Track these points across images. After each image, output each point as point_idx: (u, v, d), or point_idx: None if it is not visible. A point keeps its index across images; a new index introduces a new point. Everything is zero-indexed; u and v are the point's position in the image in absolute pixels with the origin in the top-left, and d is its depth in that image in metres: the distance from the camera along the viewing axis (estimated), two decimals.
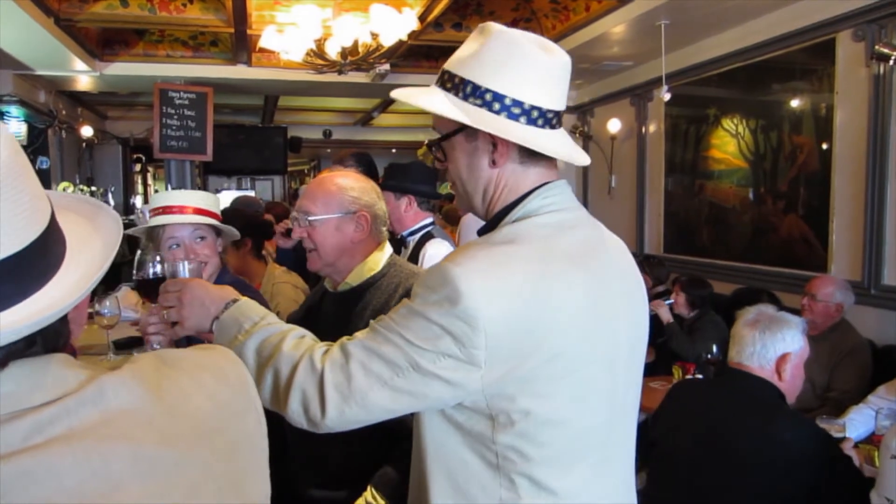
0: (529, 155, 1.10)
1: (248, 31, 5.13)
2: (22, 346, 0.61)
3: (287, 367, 1.04)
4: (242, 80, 6.25)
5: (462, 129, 1.10)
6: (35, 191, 0.64)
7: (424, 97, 1.12)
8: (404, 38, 3.99)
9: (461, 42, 1.18)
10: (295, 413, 1.03)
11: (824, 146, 3.92)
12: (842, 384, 3.19)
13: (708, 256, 4.98)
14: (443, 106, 1.09)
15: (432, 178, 2.97)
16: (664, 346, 3.78)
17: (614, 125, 6.02)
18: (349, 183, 1.74)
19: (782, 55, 4.18)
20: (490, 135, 1.08)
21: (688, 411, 2.10)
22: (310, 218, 1.69)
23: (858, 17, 3.60)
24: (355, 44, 4.04)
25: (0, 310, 0.60)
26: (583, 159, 1.16)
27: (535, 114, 1.08)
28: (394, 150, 11.31)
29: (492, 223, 1.13)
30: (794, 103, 4.17)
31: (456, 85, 1.10)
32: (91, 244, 0.71)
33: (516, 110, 1.07)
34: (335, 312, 1.78)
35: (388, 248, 1.80)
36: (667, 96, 4.55)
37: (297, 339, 1.09)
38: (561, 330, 1.01)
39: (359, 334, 1.06)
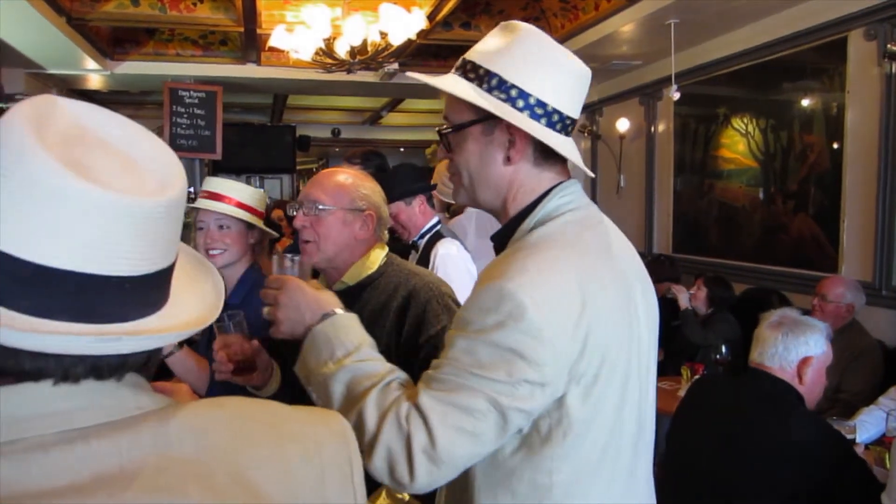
0: (544, 157, 1.10)
1: (258, 31, 5.15)
2: (101, 362, 0.57)
3: (373, 421, 0.97)
4: (252, 79, 6.28)
5: (479, 120, 1.08)
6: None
7: (449, 82, 1.10)
8: (413, 37, 4.00)
9: (470, 41, 1.18)
10: (378, 470, 0.97)
11: (835, 146, 3.90)
12: (852, 385, 3.17)
13: (717, 256, 4.96)
14: (469, 93, 1.06)
15: (426, 175, 2.96)
16: (677, 332, 3.76)
17: (623, 124, 6.00)
18: (361, 180, 1.74)
19: (793, 54, 4.16)
20: (508, 131, 1.07)
21: (705, 409, 2.11)
22: (319, 206, 1.65)
23: (870, 15, 3.58)
24: (364, 43, 4.04)
25: (145, 315, 0.59)
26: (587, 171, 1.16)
27: (555, 117, 1.08)
28: (402, 149, 11.32)
29: (511, 225, 1.12)
30: (805, 102, 4.15)
31: (480, 76, 1.08)
32: (194, 286, 0.70)
33: (539, 111, 1.06)
34: None
35: (385, 249, 1.79)
36: (676, 95, 4.53)
37: (385, 388, 1.02)
38: (603, 331, 1.00)
39: (425, 385, 0.99)
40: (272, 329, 1.19)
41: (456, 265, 2.73)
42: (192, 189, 6.12)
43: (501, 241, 1.14)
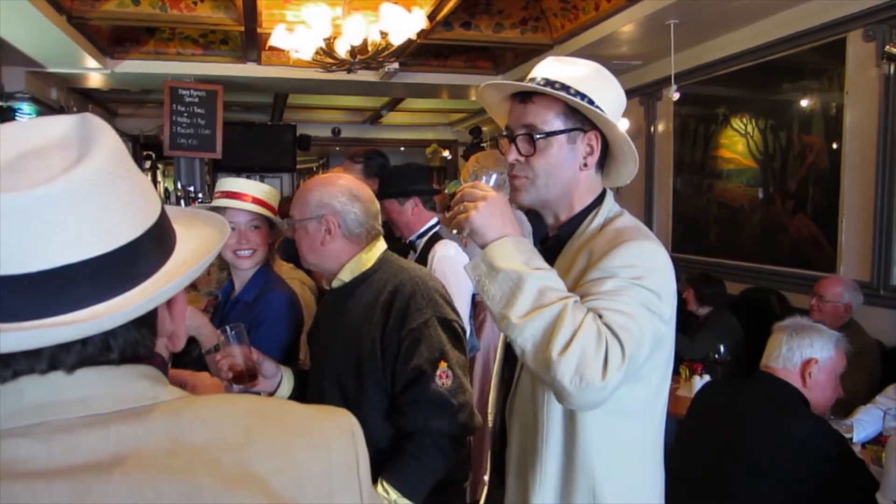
0: (600, 165, 1.35)
1: (258, 30, 5.15)
2: (95, 351, 0.61)
3: (571, 326, 1.06)
4: (252, 79, 6.29)
5: (571, 130, 1.29)
6: (142, 190, 0.64)
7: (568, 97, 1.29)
8: (413, 37, 4.01)
9: (471, 40, 1.29)
10: (564, 367, 1.04)
11: (834, 146, 3.91)
12: (850, 384, 3.17)
13: (717, 256, 4.97)
14: (595, 110, 1.28)
15: (429, 177, 2.98)
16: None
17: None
18: (318, 187, 1.79)
19: (792, 55, 4.17)
20: (588, 142, 1.31)
21: (711, 411, 2.13)
22: (293, 221, 1.79)
23: (869, 16, 3.59)
24: (365, 43, 4.05)
25: (94, 303, 0.60)
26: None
27: None
28: (402, 149, 11.33)
29: (577, 219, 1.34)
30: (804, 103, 4.16)
31: (572, 95, 1.28)
32: (184, 246, 0.70)
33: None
34: (331, 307, 1.85)
35: (381, 245, 1.84)
36: (676, 96, 4.53)
37: (578, 303, 1.12)
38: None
39: (603, 309, 1.12)
40: (460, 221, 1.23)
41: (453, 266, 2.74)
42: (192, 188, 6.13)
43: (569, 233, 1.34)
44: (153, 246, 0.64)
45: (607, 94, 1.30)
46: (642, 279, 1.15)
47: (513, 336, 1.10)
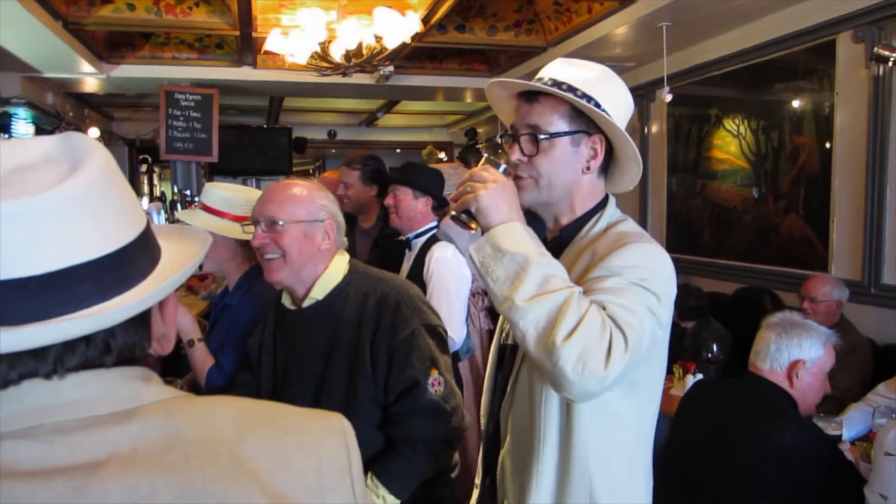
0: (603, 170, 1.35)
1: (254, 34, 5.17)
2: (96, 353, 0.63)
3: (575, 314, 1.06)
4: (248, 82, 6.30)
5: (575, 132, 1.29)
6: (131, 200, 0.68)
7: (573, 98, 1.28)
8: (408, 40, 4.03)
9: (465, 43, 1.31)
10: (567, 354, 1.04)
11: (825, 146, 3.95)
12: (842, 382, 3.21)
13: (710, 256, 5.01)
14: (601, 113, 1.28)
15: (443, 184, 2.99)
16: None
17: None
18: (314, 190, 1.73)
19: (783, 56, 4.20)
20: (592, 145, 1.30)
21: (699, 412, 2.12)
22: (280, 222, 1.65)
23: (858, 18, 3.62)
24: (359, 46, 4.07)
25: (98, 302, 0.63)
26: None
27: None
28: (398, 150, 11.35)
29: (579, 223, 1.34)
30: (796, 104, 4.20)
31: (578, 97, 1.28)
32: (167, 255, 0.73)
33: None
34: (302, 330, 1.74)
35: (346, 256, 1.78)
36: (668, 97, 4.57)
37: (582, 294, 1.12)
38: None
39: (606, 302, 1.11)
40: (463, 200, 1.22)
41: (451, 268, 2.76)
42: (188, 191, 6.14)
43: (571, 235, 1.34)
44: (144, 250, 0.68)
45: (614, 98, 1.31)
46: (645, 281, 1.15)
47: (515, 319, 1.09)
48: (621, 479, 1.28)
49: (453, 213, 1.26)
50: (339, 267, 1.73)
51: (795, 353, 1.93)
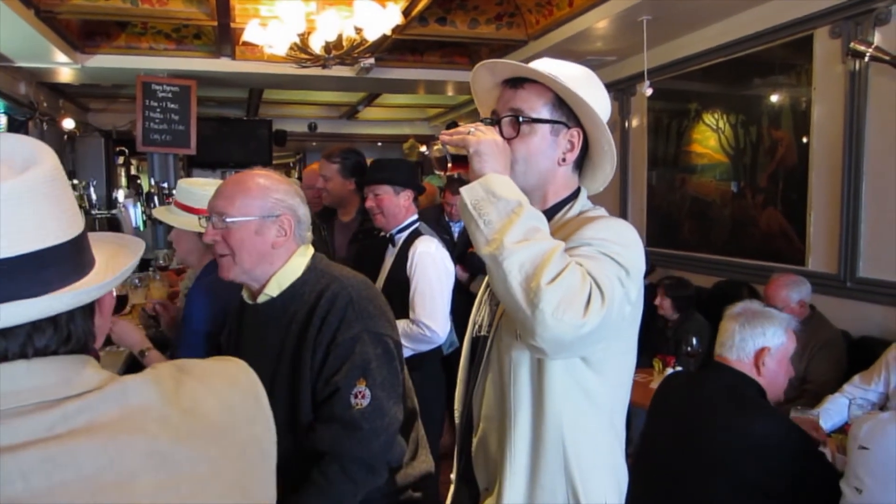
0: (578, 165, 1.38)
1: (232, 25, 5.10)
2: (60, 338, 0.68)
3: (559, 263, 1.08)
4: (226, 74, 6.22)
5: (555, 121, 1.31)
6: (72, 201, 0.73)
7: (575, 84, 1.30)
8: (388, 32, 3.99)
9: (446, 36, 1.30)
10: (550, 298, 1.04)
11: (803, 140, 3.98)
12: (817, 376, 3.25)
13: (690, 250, 5.04)
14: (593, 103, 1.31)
15: (417, 174, 2.98)
16: (648, 327, 3.82)
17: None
18: (272, 183, 1.62)
19: (761, 51, 4.23)
20: (569, 138, 1.33)
21: (671, 404, 2.13)
22: (227, 219, 1.56)
23: (835, 14, 3.66)
24: (339, 38, 4.03)
25: (59, 287, 0.67)
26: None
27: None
28: (379, 144, 11.30)
29: (550, 212, 1.34)
30: (774, 98, 4.23)
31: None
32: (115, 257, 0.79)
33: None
34: (257, 326, 1.67)
35: (309, 252, 1.68)
36: (649, 92, 4.58)
37: (564, 250, 1.15)
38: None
39: (584, 263, 1.12)
40: (461, 137, 1.23)
41: (434, 262, 2.75)
42: (165, 184, 6.05)
43: None
44: (87, 244, 0.75)
45: (596, 98, 1.33)
46: (616, 254, 1.17)
47: (501, 258, 1.08)
48: (596, 455, 1.29)
49: (441, 145, 1.26)
50: (297, 263, 1.64)
51: (760, 342, 1.96)
